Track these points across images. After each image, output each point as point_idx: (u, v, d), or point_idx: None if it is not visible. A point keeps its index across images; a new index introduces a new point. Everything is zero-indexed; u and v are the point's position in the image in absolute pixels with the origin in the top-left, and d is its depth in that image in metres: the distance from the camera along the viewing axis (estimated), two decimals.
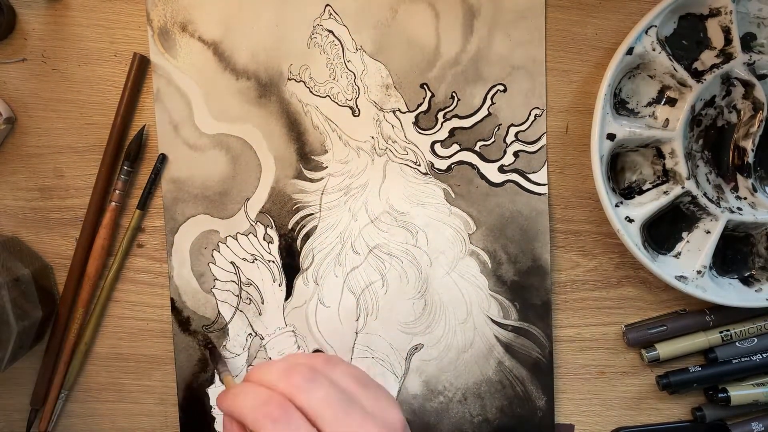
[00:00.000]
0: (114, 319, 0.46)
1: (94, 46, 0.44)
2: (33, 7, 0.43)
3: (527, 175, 0.44)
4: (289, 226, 0.45)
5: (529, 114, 0.44)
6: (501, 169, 0.44)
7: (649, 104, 0.43)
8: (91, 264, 0.44)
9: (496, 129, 0.44)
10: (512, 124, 0.44)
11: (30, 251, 0.45)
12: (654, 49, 0.41)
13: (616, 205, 0.42)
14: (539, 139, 0.44)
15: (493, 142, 0.44)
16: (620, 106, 0.43)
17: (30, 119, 0.44)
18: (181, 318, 0.45)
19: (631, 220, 0.42)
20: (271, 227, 0.45)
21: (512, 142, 0.44)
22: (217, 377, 0.45)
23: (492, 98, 0.44)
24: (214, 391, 0.45)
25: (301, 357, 0.34)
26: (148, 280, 0.45)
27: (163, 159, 0.44)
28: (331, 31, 0.43)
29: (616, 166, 0.44)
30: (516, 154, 0.44)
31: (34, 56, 0.44)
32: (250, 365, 0.45)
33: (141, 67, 0.43)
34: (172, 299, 0.45)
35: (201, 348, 0.45)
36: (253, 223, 0.45)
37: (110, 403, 0.47)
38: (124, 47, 0.44)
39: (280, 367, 0.32)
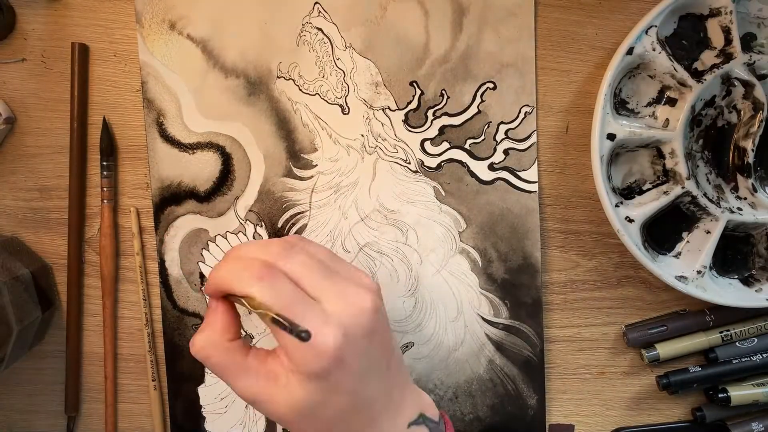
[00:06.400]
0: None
1: (94, 46, 0.44)
2: (33, 7, 0.43)
3: (517, 173, 0.44)
4: (279, 225, 0.45)
5: (519, 111, 0.44)
6: (491, 167, 0.44)
7: (649, 104, 0.43)
8: (104, 267, 0.44)
9: (486, 126, 0.44)
10: (502, 122, 0.44)
11: (30, 251, 0.45)
12: (654, 49, 0.41)
13: (616, 205, 0.42)
14: (529, 136, 0.44)
15: (483, 140, 0.44)
16: (620, 106, 0.43)
17: (30, 119, 0.44)
18: (170, 316, 0.45)
19: (631, 220, 0.42)
20: (261, 226, 0.45)
21: (502, 139, 0.44)
22: (207, 375, 0.45)
23: (482, 96, 0.44)
24: (203, 391, 0.46)
25: (274, 239, 0.34)
26: (148, 280, 0.45)
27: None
28: (320, 29, 0.43)
29: (616, 165, 0.44)
30: (506, 151, 0.44)
31: (34, 56, 0.44)
32: None
33: (82, 56, 0.43)
34: (161, 297, 0.45)
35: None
36: (243, 222, 0.45)
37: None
38: (123, 47, 0.44)
39: (256, 244, 0.33)
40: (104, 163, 0.44)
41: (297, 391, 0.30)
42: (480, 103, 0.44)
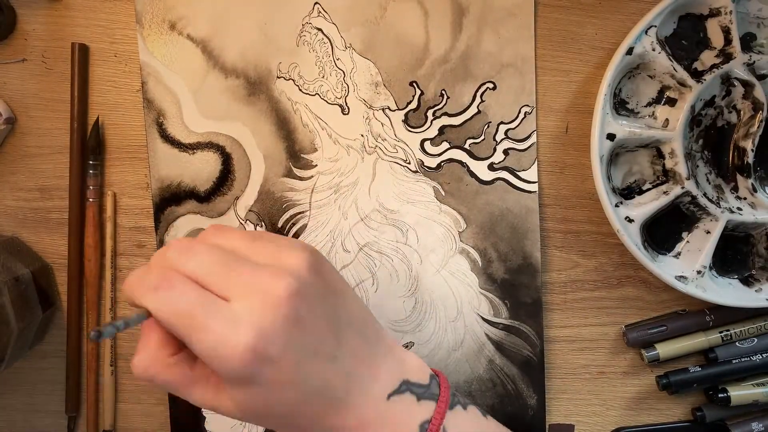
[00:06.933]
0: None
1: (94, 46, 0.44)
2: (33, 7, 0.43)
3: (517, 173, 0.44)
4: (279, 225, 0.45)
5: (519, 111, 0.44)
6: (491, 167, 0.44)
7: (649, 104, 0.43)
8: (87, 267, 0.44)
9: (486, 127, 0.44)
10: (502, 122, 0.44)
11: (30, 251, 0.45)
12: (654, 49, 0.41)
13: (616, 205, 0.42)
14: (529, 136, 0.44)
15: (482, 140, 0.44)
16: (620, 106, 0.43)
17: (30, 119, 0.44)
18: None
19: (631, 220, 0.42)
20: (261, 226, 0.45)
21: (502, 139, 0.44)
22: None
23: (481, 96, 0.44)
24: None
25: (181, 238, 0.31)
26: None
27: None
28: (320, 29, 0.43)
29: (616, 165, 0.44)
30: (506, 151, 0.44)
31: (34, 56, 0.44)
32: None
33: (82, 56, 0.43)
34: None
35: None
36: (243, 222, 0.45)
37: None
38: (124, 47, 0.44)
39: (167, 246, 0.30)
40: (90, 162, 0.44)
41: (237, 396, 0.28)
42: (480, 103, 0.44)
